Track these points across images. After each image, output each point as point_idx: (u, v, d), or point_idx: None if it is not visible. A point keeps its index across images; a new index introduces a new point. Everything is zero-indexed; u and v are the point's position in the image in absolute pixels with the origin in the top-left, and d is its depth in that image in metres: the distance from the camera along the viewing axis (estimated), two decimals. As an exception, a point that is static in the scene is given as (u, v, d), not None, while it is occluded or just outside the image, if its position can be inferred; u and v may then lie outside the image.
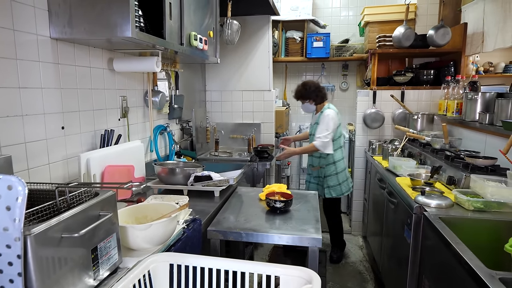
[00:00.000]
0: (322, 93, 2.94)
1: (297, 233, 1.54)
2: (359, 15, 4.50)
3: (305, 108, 3.00)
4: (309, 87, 2.89)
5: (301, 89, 2.91)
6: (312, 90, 2.89)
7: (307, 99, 2.92)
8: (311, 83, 2.92)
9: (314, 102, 2.93)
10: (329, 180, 2.97)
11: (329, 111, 2.87)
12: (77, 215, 0.88)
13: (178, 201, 1.58)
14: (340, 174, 2.99)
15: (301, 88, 2.92)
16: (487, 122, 2.43)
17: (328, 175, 2.97)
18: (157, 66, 1.96)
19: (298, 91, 2.93)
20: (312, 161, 3.07)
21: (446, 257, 1.45)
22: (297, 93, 2.94)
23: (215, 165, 2.86)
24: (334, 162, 2.95)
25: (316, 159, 3.02)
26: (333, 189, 2.99)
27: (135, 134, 2.28)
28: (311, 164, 3.10)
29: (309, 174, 3.16)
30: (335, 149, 2.92)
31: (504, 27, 2.78)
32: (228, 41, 2.88)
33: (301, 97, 2.92)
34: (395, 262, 2.24)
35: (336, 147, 2.92)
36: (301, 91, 2.91)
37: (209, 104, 3.69)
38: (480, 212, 1.71)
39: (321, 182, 3.04)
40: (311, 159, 3.09)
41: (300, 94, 2.92)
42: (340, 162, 2.98)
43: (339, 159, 2.97)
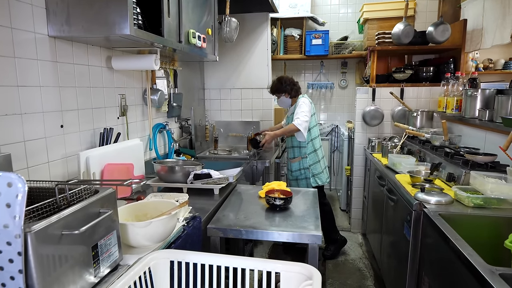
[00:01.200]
0: (296, 87, 3.03)
1: (297, 230, 1.54)
2: (358, 12, 4.49)
3: (281, 102, 3.07)
4: (284, 81, 2.98)
5: (276, 84, 2.99)
6: (287, 84, 2.97)
7: (282, 93, 2.99)
8: (286, 78, 3.01)
9: (289, 96, 3.00)
10: (313, 168, 3.02)
11: (303, 99, 2.96)
12: (77, 212, 0.88)
13: (177, 199, 1.58)
14: (321, 161, 3.08)
15: (276, 82, 3.00)
16: (487, 118, 2.43)
17: (312, 163, 3.02)
18: (156, 64, 1.96)
19: (274, 85, 3.01)
20: (293, 153, 3.09)
21: (445, 253, 1.45)
22: (273, 87, 3.02)
23: (214, 163, 2.86)
24: (315, 150, 3.02)
25: (296, 150, 3.05)
26: (318, 177, 3.05)
27: (134, 133, 2.28)
28: (290, 157, 3.13)
29: (289, 169, 3.19)
30: (313, 138, 3.00)
31: (503, 23, 2.78)
32: (226, 39, 2.88)
33: (277, 91, 3.00)
34: (395, 259, 2.24)
35: (314, 135, 3.01)
36: (276, 85, 2.99)
37: (208, 102, 3.69)
38: (480, 209, 1.71)
39: (303, 174, 3.06)
40: (292, 151, 3.11)
41: (276, 88, 3.00)
42: (319, 150, 3.06)
43: (318, 147, 3.05)
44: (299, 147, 3.03)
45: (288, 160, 3.19)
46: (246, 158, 2.90)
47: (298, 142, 3.01)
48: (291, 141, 3.07)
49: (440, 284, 1.55)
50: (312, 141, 3.01)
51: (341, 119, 4.88)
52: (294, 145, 3.06)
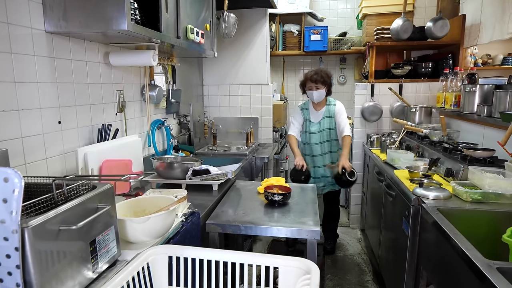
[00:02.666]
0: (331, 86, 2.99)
1: (296, 226, 1.55)
2: (356, 8, 4.47)
3: (319, 95, 2.88)
4: (330, 76, 2.92)
5: (324, 75, 2.86)
6: (331, 80, 2.94)
7: (325, 85, 2.87)
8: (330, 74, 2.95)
9: (327, 91, 2.91)
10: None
11: (339, 103, 2.97)
12: (74, 208, 0.88)
13: (176, 195, 1.58)
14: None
15: (325, 75, 2.88)
16: (485, 114, 2.43)
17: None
18: (154, 59, 1.95)
19: (323, 75, 2.86)
20: (333, 158, 3.00)
21: (444, 248, 1.45)
22: (321, 76, 2.84)
23: (213, 159, 2.86)
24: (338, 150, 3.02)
25: (335, 154, 2.99)
26: None
27: (132, 129, 2.27)
28: (332, 162, 2.99)
29: (324, 177, 3.02)
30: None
31: (503, 18, 2.77)
32: (225, 35, 2.87)
33: (323, 82, 2.85)
34: (393, 254, 2.25)
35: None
36: (324, 76, 2.86)
37: (206, 99, 3.68)
38: (478, 204, 1.71)
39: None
40: (332, 156, 3.01)
41: (323, 79, 2.85)
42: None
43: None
44: (337, 152, 3.00)
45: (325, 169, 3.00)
46: (245, 154, 2.89)
47: (337, 147, 3.01)
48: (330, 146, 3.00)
49: (438, 278, 1.56)
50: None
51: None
52: (333, 149, 3.02)
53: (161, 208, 1.23)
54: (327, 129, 2.97)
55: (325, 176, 3.02)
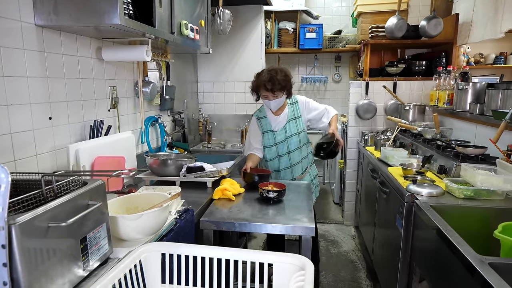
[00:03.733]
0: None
1: (290, 223, 1.54)
2: (351, 6, 4.47)
3: (277, 104, 2.31)
4: (288, 74, 2.27)
5: (281, 80, 2.19)
6: (290, 78, 2.28)
7: (284, 91, 2.26)
8: (287, 70, 2.29)
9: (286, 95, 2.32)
10: (315, 179, 2.57)
11: (300, 96, 2.46)
12: (64, 204, 0.86)
13: (170, 192, 1.56)
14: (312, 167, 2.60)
15: (281, 78, 2.19)
16: (478, 112, 2.44)
17: (315, 174, 2.59)
18: (147, 55, 1.92)
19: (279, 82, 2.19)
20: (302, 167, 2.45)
21: (437, 244, 1.46)
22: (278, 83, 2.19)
23: (208, 156, 2.84)
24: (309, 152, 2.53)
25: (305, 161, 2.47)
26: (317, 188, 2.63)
27: (125, 126, 2.25)
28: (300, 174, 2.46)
29: None
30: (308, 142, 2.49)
31: (495, 16, 2.78)
32: (220, 31, 2.85)
33: (281, 88, 2.22)
34: (387, 251, 2.26)
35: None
36: (281, 82, 2.19)
37: (201, 96, 3.66)
38: (470, 200, 1.72)
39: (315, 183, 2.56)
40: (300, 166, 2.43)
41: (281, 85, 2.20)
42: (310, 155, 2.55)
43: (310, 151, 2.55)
44: (307, 157, 2.48)
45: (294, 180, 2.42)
46: (240, 151, 2.88)
47: (306, 152, 2.46)
48: (300, 154, 2.41)
49: (431, 274, 1.56)
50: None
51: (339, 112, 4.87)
52: (303, 156, 2.44)
53: (154, 205, 1.22)
54: (296, 134, 2.37)
55: None
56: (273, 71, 2.22)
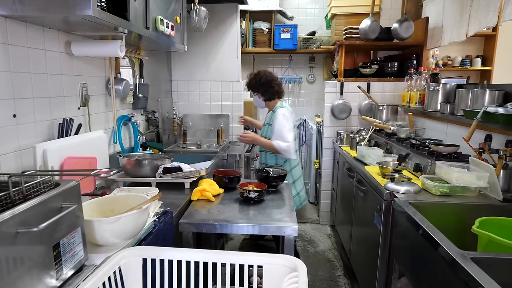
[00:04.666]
0: (274, 89, 2.51)
1: (273, 223, 1.51)
2: (325, 8, 4.53)
3: (256, 101, 2.62)
4: (261, 78, 2.47)
5: (251, 79, 2.53)
6: (262, 82, 2.48)
7: (255, 92, 2.53)
8: (264, 75, 2.49)
9: (262, 97, 2.54)
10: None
11: (283, 110, 2.48)
12: (35, 207, 0.78)
13: (147, 193, 1.49)
14: (297, 182, 2.63)
15: (252, 77, 2.53)
16: (448, 112, 2.53)
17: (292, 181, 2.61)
18: (121, 50, 1.83)
19: (249, 80, 2.56)
20: (266, 160, 2.61)
21: (417, 240, 1.48)
22: (248, 82, 2.58)
23: (183, 157, 2.76)
24: (291, 170, 2.56)
25: (271, 157, 2.59)
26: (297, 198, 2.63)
27: (96, 124, 2.13)
28: (265, 163, 2.65)
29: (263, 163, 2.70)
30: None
31: (460, 21, 2.90)
32: (195, 28, 2.78)
33: (250, 87, 2.56)
34: (365, 249, 2.28)
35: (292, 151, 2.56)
36: (251, 80, 2.53)
37: (175, 95, 3.56)
38: (446, 197, 1.77)
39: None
40: (265, 157, 2.62)
41: (250, 84, 2.54)
42: (296, 169, 2.62)
43: (295, 165, 2.61)
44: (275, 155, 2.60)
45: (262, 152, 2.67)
46: (216, 151, 2.83)
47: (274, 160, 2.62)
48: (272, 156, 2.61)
49: (411, 269, 1.59)
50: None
51: (309, 113, 4.92)
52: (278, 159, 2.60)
53: (132, 207, 1.14)
54: (264, 138, 2.60)
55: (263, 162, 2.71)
56: (256, 74, 2.55)
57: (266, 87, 2.51)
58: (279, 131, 2.45)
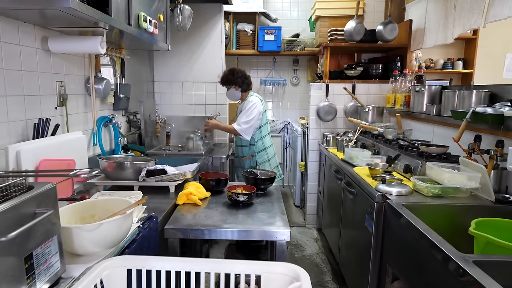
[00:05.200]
0: (248, 80, 2.90)
1: (264, 227, 1.44)
2: (308, 10, 4.53)
3: (230, 95, 2.92)
4: (236, 72, 2.84)
5: (227, 74, 2.84)
6: (239, 76, 2.83)
7: (232, 85, 2.84)
8: (239, 70, 2.88)
9: (240, 89, 2.87)
10: (263, 167, 2.89)
11: (253, 98, 2.85)
12: (4, 214, 0.69)
13: (130, 197, 1.39)
14: (272, 160, 2.99)
15: (228, 73, 2.85)
16: (435, 113, 2.54)
17: (261, 162, 2.92)
18: (102, 47, 1.73)
19: (225, 76, 2.85)
20: (242, 151, 2.96)
21: (412, 243, 1.45)
22: (223, 78, 2.86)
23: (167, 159, 2.66)
24: (265, 149, 2.93)
25: (246, 148, 2.93)
26: None
27: (75, 125, 2.01)
28: (241, 156, 2.98)
29: (240, 167, 3.04)
30: (263, 136, 2.92)
31: (446, 24, 2.94)
32: (179, 27, 2.70)
33: (227, 82, 2.84)
34: (355, 252, 2.24)
35: (264, 133, 2.92)
36: (227, 76, 2.84)
37: (158, 96, 3.45)
38: (438, 198, 1.75)
39: None
40: (240, 150, 2.97)
41: (227, 79, 2.84)
42: (270, 149, 2.98)
43: (269, 146, 2.97)
44: (248, 146, 2.92)
45: (240, 159, 3.04)
46: (201, 154, 2.74)
47: (247, 141, 2.90)
48: (240, 140, 2.93)
49: (406, 273, 1.55)
50: (262, 139, 2.92)
51: (293, 116, 4.90)
52: (243, 143, 2.93)
53: (114, 212, 1.05)
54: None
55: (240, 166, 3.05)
56: (232, 70, 2.86)
57: (243, 79, 2.84)
58: (242, 115, 2.79)
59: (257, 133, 2.87)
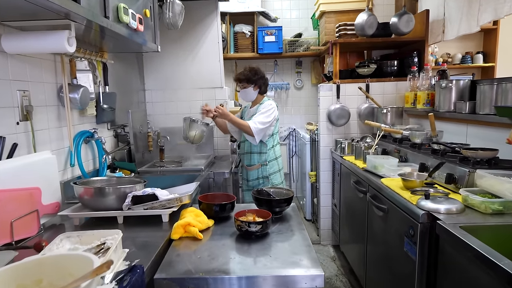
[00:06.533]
0: (267, 82, 2.65)
1: (287, 270, 1.08)
2: (310, 9, 4.23)
3: (245, 94, 2.60)
4: (258, 72, 2.57)
5: (249, 72, 2.54)
6: (261, 76, 2.57)
7: (252, 84, 2.54)
8: (260, 70, 2.60)
9: (258, 90, 2.58)
10: (273, 178, 2.61)
11: (271, 102, 2.58)
12: None
13: (105, 239, 1.03)
14: (282, 171, 2.71)
15: (249, 71, 2.55)
16: (468, 111, 2.20)
17: (272, 172, 2.60)
18: (70, 44, 1.38)
19: (246, 73, 2.54)
20: (251, 160, 2.62)
21: (477, 276, 1.09)
22: (244, 74, 2.54)
23: (162, 178, 2.31)
24: (276, 158, 2.64)
25: (256, 156, 2.60)
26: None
27: (45, 144, 1.66)
28: (247, 164, 2.65)
29: (245, 179, 2.73)
30: (275, 144, 2.64)
31: (470, 11, 2.61)
32: (170, 25, 2.36)
33: (247, 80, 2.53)
34: (390, 279, 1.87)
35: (275, 142, 2.65)
36: (249, 74, 2.53)
37: (149, 106, 3.10)
38: (499, 215, 1.39)
39: (261, 185, 2.58)
40: (249, 158, 2.63)
41: (247, 77, 2.53)
42: (280, 159, 2.70)
43: (279, 155, 2.69)
44: (259, 153, 2.59)
45: (244, 168, 2.71)
46: (200, 169, 2.38)
47: (259, 148, 2.58)
48: (250, 146, 2.60)
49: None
50: (273, 147, 2.61)
51: (298, 122, 4.56)
52: (253, 150, 2.60)
53: (72, 278, 0.69)
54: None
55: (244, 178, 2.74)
56: (252, 68, 2.56)
57: (264, 80, 2.60)
58: (259, 115, 2.48)
59: (269, 140, 2.58)
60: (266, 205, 1.53)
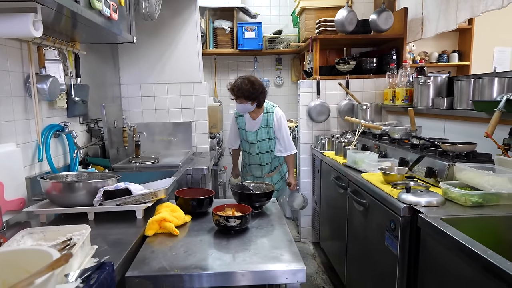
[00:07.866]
0: (265, 96, 2.55)
1: (268, 265, 1.03)
2: (290, 5, 4.21)
3: (242, 108, 2.51)
4: (258, 87, 2.44)
5: (249, 88, 2.39)
6: (261, 91, 2.47)
7: (250, 100, 2.44)
8: (259, 83, 2.48)
9: (256, 103, 2.49)
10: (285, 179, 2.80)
11: (277, 110, 2.61)
12: None
13: (72, 235, 0.96)
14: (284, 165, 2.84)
15: (249, 87, 2.39)
16: (445, 106, 2.23)
17: (284, 173, 2.80)
18: (36, 28, 1.29)
19: (246, 89, 2.38)
20: (271, 166, 2.72)
21: (460, 268, 1.08)
22: (244, 91, 2.39)
23: (137, 174, 2.22)
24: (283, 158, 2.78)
25: (276, 160, 2.74)
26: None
27: (9, 136, 1.54)
28: (270, 171, 2.74)
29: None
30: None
31: (447, 9, 2.65)
32: (146, 16, 2.27)
33: (247, 97, 2.41)
34: (372, 275, 1.86)
35: None
36: (249, 90, 2.39)
37: (125, 101, 2.99)
38: (479, 208, 1.40)
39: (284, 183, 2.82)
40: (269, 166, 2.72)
41: (248, 94, 2.39)
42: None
43: None
44: (278, 158, 2.75)
45: (263, 178, 2.73)
46: (178, 165, 2.30)
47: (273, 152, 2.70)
48: (270, 156, 2.68)
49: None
50: None
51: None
52: (273, 157, 2.71)
53: (28, 274, 0.61)
54: (266, 139, 2.63)
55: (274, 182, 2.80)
56: (242, 81, 2.42)
57: (264, 93, 2.51)
58: (283, 136, 2.60)
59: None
60: (246, 200, 1.48)
